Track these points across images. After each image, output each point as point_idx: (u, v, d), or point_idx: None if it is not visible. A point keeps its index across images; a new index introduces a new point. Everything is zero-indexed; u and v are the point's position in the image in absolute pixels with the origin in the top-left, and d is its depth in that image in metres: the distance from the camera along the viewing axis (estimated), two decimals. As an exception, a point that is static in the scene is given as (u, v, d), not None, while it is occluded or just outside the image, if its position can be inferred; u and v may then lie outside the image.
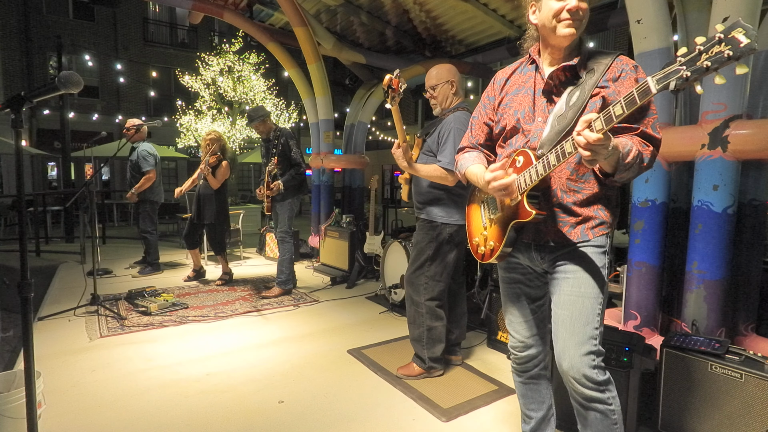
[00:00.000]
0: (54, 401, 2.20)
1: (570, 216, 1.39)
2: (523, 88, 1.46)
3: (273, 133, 4.08)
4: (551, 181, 1.39)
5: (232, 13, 5.54)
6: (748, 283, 2.39)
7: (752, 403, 1.65)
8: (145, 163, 4.77)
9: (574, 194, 1.38)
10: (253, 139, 11.75)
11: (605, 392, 1.36)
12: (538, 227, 1.42)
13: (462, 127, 2.35)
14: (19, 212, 1.38)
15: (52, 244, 7.04)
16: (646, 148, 1.27)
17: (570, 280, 1.39)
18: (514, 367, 1.63)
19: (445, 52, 6.26)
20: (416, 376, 2.50)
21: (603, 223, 1.39)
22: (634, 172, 1.25)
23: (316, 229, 6.16)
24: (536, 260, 1.47)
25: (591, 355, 1.35)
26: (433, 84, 2.48)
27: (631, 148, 1.21)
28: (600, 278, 1.38)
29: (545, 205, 1.38)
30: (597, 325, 1.37)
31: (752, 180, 2.33)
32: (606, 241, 1.41)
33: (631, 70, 1.33)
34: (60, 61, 8.80)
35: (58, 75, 1.37)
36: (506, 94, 1.51)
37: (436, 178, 2.33)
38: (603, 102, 1.31)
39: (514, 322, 1.58)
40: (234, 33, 11.57)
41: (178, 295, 4.09)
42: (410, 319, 2.57)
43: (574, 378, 1.36)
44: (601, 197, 1.39)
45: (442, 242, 2.44)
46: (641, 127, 1.29)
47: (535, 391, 1.63)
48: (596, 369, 1.35)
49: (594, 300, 1.37)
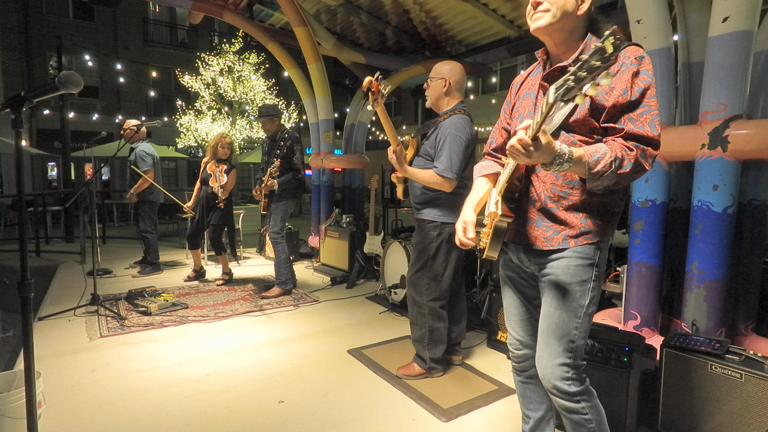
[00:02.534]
0: (54, 401, 2.19)
1: (553, 222, 1.35)
2: (531, 92, 1.43)
3: (280, 134, 4.08)
4: (535, 185, 1.37)
5: (232, 13, 5.53)
6: (748, 283, 2.40)
7: (752, 403, 1.65)
8: (143, 163, 4.77)
9: (559, 200, 1.34)
10: (253, 139, 11.76)
11: (579, 402, 1.36)
12: (518, 229, 1.41)
13: (458, 133, 2.34)
14: (19, 212, 1.38)
15: (52, 244, 7.04)
16: (629, 152, 1.18)
17: (551, 291, 1.37)
18: (514, 365, 1.63)
19: (445, 52, 6.25)
20: (416, 376, 2.50)
21: (589, 232, 1.32)
22: (609, 180, 1.17)
23: (316, 229, 6.16)
24: (525, 262, 1.47)
25: (564, 367, 1.35)
26: (431, 75, 2.48)
27: (602, 156, 1.15)
28: (582, 292, 1.34)
29: (526, 207, 1.38)
30: (573, 338, 1.34)
31: (752, 180, 2.33)
32: (594, 252, 1.34)
33: (633, 63, 1.22)
34: (60, 61, 8.80)
35: (58, 75, 1.37)
36: (518, 99, 1.49)
37: (432, 184, 2.33)
38: (591, 103, 1.25)
39: (511, 320, 1.59)
40: (234, 33, 11.58)
41: (178, 295, 4.09)
42: (412, 319, 2.57)
43: (547, 387, 1.39)
44: (593, 205, 1.32)
45: (443, 242, 2.44)
46: (625, 127, 1.21)
47: (533, 392, 1.62)
48: (569, 381, 1.35)
49: (572, 314, 1.34)
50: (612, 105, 1.23)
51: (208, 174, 4.47)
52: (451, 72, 2.44)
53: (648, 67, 1.23)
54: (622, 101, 1.22)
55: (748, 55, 2.13)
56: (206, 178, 4.48)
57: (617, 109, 1.23)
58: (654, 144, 1.21)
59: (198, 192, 4.63)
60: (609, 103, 1.23)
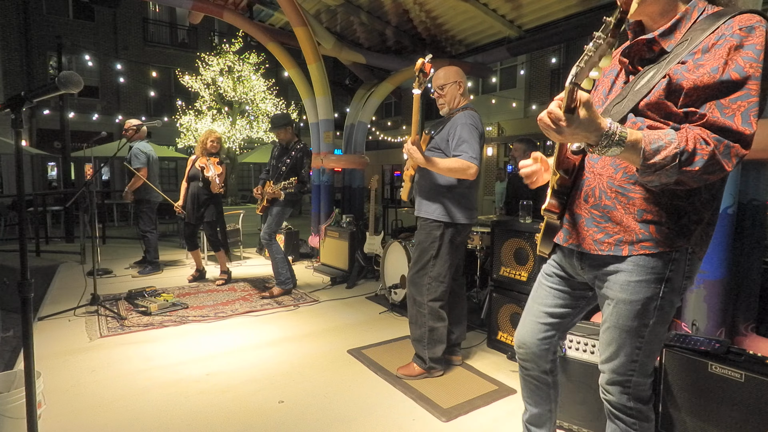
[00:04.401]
0: (54, 401, 2.19)
1: (607, 222, 1.15)
2: (614, 68, 1.24)
3: (293, 144, 4.13)
4: (589, 178, 1.18)
5: (232, 13, 5.54)
6: (748, 283, 2.39)
7: (752, 404, 1.65)
8: (136, 161, 4.79)
9: (617, 196, 1.13)
10: (253, 140, 11.76)
11: (632, 417, 1.24)
12: (565, 227, 1.24)
13: (473, 123, 2.38)
14: (19, 212, 1.38)
15: (52, 244, 7.04)
16: (704, 146, 0.94)
17: (608, 308, 1.20)
18: (518, 360, 1.53)
19: (445, 52, 6.26)
20: (416, 376, 2.50)
21: (648, 240, 1.10)
22: (669, 177, 0.95)
23: (316, 229, 6.16)
24: (576, 268, 1.28)
25: (619, 386, 1.23)
26: (441, 84, 2.50)
27: (664, 145, 0.94)
28: (645, 312, 1.14)
29: (578, 203, 1.21)
30: (636, 357, 1.18)
31: (752, 180, 2.33)
32: (662, 265, 1.11)
33: (734, 35, 0.96)
34: (60, 61, 8.80)
35: (58, 75, 1.37)
36: (603, 75, 1.30)
37: (456, 171, 2.31)
38: (668, 83, 1.02)
39: (526, 316, 1.45)
40: (234, 33, 11.57)
41: (178, 295, 4.09)
42: (412, 319, 2.57)
43: (603, 396, 1.30)
44: (661, 207, 1.09)
45: (445, 242, 2.44)
46: (708, 114, 0.96)
47: (534, 391, 1.55)
48: (627, 395, 1.23)
49: (634, 334, 1.17)
50: (692, 85, 0.99)
51: (197, 169, 4.43)
52: (460, 74, 2.53)
53: (758, 41, 0.95)
54: (707, 81, 0.97)
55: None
56: (195, 175, 4.45)
57: (700, 91, 0.99)
58: (744, 141, 0.95)
59: (186, 190, 4.58)
60: (689, 83, 1.00)
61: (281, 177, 3.96)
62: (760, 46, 0.95)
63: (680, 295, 1.17)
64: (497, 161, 15.60)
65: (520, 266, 2.80)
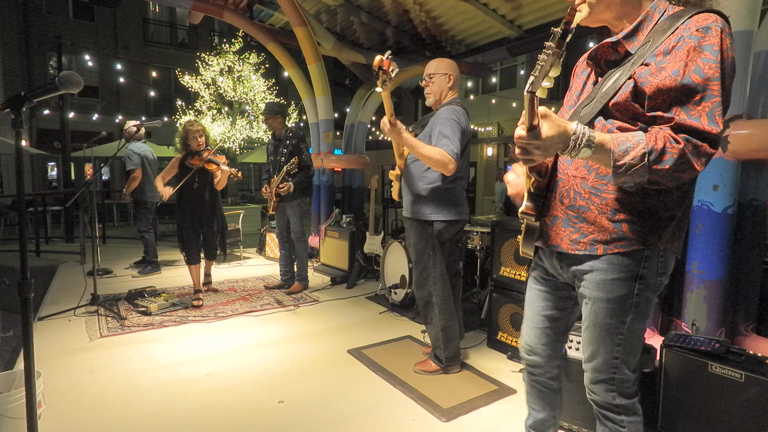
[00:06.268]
0: (54, 401, 2.19)
1: (582, 223, 1.17)
2: (584, 71, 1.26)
3: (285, 133, 4.12)
4: (563, 179, 1.21)
5: (232, 13, 5.54)
6: (748, 283, 2.39)
7: (752, 404, 1.65)
8: (129, 162, 4.80)
9: (590, 197, 1.15)
10: (253, 139, 11.74)
11: (620, 415, 1.26)
12: (543, 229, 1.26)
13: (456, 118, 2.32)
14: (19, 212, 1.38)
15: (52, 244, 7.04)
16: (674, 145, 0.96)
17: (587, 307, 1.23)
18: (525, 365, 1.54)
19: (445, 52, 6.25)
20: (432, 372, 2.55)
21: (622, 239, 1.12)
22: (641, 176, 0.97)
23: (316, 229, 6.16)
24: (557, 268, 1.30)
25: (604, 384, 1.25)
26: (431, 72, 2.47)
27: (632, 146, 0.96)
28: (622, 309, 1.17)
29: (553, 204, 1.23)
30: (617, 354, 1.21)
31: (752, 180, 2.33)
32: (635, 264, 1.14)
33: (692, 37, 0.98)
34: (60, 61, 8.80)
35: (58, 75, 1.37)
36: (574, 78, 1.32)
37: (435, 162, 2.21)
38: (634, 86, 1.05)
39: (525, 323, 1.46)
40: (234, 33, 11.57)
41: (178, 295, 4.08)
42: (426, 320, 2.59)
43: (589, 396, 1.31)
44: (633, 206, 1.11)
45: (438, 239, 2.44)
46: (676, 117, 0.98)
47: (539, 396, 1.54)
48: (613, 393, 1.25)
49: (613, 331, 1.19)
50: (656, 89, 1.02)
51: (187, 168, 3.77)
52: (452, 67, 2.48)
53: (715, 41, 0.97)
54: (669, 84, 1.00)
55: (748, 55, 2.13)
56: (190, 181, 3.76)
57: (664, 94, 1.01)
58: (711, 140, 0.97)
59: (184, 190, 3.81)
60: (652, 87, 1.02)
61: (283, 168, 3.94)
62: (717, 47, 0.98)
63: (656, 292, 1.20)
64: (497, 161, 15.58)
65: (520, 266, 2.80)
